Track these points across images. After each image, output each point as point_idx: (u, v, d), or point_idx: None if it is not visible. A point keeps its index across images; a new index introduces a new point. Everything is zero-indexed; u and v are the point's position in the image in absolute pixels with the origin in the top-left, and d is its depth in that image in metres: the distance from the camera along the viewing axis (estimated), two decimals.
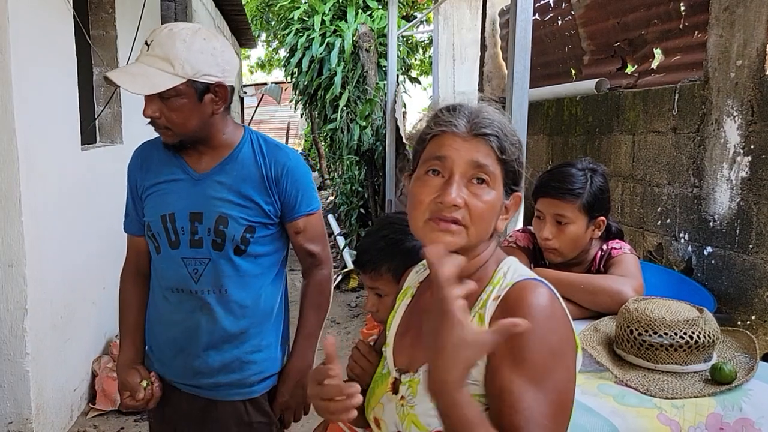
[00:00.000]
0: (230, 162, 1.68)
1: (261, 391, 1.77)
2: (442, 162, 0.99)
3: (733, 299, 2.59)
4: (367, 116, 6.96)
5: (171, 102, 1.54)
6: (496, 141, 0.99)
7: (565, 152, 3.96)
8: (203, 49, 1.54)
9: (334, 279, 6.19)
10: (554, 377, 0.90)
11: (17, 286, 2.75)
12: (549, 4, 4.52)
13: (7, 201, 2.69)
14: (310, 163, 15.66)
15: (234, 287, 1.69)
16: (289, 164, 1.70)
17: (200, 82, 1.55)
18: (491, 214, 1.00)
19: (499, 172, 1.00)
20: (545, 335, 0.91)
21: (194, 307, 1.69)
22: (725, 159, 2.63)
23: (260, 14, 14.04)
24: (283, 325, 1.85)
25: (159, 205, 1.70)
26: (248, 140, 1.71)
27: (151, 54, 1.53)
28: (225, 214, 1.65)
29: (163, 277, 1.73)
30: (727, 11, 2.64)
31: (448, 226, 0.98)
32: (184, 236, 1.67)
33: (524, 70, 2.58)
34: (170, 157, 1.71)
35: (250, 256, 1.69)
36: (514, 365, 0.91)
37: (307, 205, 1.73)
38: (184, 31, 1.55)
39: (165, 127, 1.59)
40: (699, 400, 1.37)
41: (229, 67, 1.61)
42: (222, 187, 1.66)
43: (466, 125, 1.00)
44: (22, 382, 2.80)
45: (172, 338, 1.74)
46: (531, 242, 1.91)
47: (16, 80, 2.66)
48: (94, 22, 4.09)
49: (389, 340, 1.16)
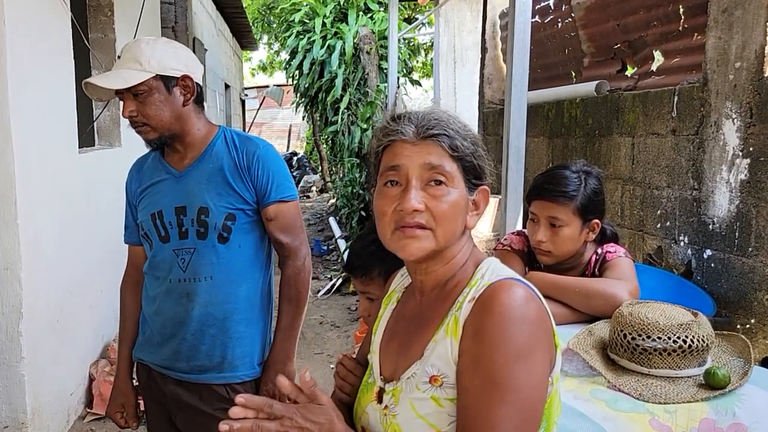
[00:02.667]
0: (206, 155, 1.81)
1: (244, 378, 1.84)
2: (396, 171, 1.00)
3: (733, 302, 2.57)
4: (368, 119, 6.95)
5: (144, 98, 1.70)
6: (446, 140, 0.99)
7: (565, 154, 3.94)
8: (166, 48, 1.74)
9: (334, 283, 6.25)
10: (515, 380, 0.89)
11: (13, 289, 2.74)
12: (549, 6, 4.51)
13: (2, 203, 2.69)
14: (311, 165, 15.67)
15: (219, 275, 1.78)
16: (258, 152, 1.79)
17: (168, 76, 1.72)
18: (455, 213, 1.00)
19: (456, 170, 1.00)
20: (510, 337, 0.90)
21: (182, 294, 1.80)
22: (724, 161, 2.62)
23: (261, 17, 14.08)
24: (269, 315, 1.92)
25: (149, 205, 1.84)
26: (222, 135, 1.84)
27: (122, 60, 1.73)
28: (205, 204, 1.77)
29: (156, 268, 1.84)
30: (725, 13, 2.62)
31: (413, 232, 0.98)
32: (173, 230, 1.79)
33: (523, 72, 2.58)
34: (156, 162, 1.87)
35: (233, 245, 1.79)
36: (474, 366, 0.91)
37: (278, 192, 1.80)
38: (147, 38, 1.76)
39: (143, 124, 1.74)
40: (692, 405, 1.35)
41: (192, 63, 1.79)
42: (201, 180, 1.79)
43: (413, 130, 1.00)
44: (17, 386, 2.79)
45: (161, 326, 1.84)
46: (525, 245, 1.89)
47: (12, 83, 2.66)
48: (93, 25, 4.10)
49: (374, 347, 1.15)
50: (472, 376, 0.91)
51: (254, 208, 1.80)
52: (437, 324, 1.01)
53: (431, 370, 0.98)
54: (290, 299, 1.86)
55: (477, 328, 0.93)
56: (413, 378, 1.00)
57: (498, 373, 0.89)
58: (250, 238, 1.82)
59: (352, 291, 6.14)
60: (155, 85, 1.70)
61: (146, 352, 1.89)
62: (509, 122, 2.54)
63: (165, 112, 1.73)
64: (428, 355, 0.99)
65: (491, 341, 0.90)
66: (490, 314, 0.92)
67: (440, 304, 1.03)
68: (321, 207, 11.75)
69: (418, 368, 1.00)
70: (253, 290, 1.85)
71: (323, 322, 5.39)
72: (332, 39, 8.31)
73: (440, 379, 0.97)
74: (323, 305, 5.89)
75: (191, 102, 1.78)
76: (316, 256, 7.73)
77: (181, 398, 1.84)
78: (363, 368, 1.22)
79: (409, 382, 1.01)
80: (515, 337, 0.90)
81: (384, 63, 7.34)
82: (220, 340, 1.80)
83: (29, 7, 2.88)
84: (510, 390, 0.89)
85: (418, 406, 0.98)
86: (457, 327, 0.96)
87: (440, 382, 0.97)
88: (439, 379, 0.97)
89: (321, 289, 6.27)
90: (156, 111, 1.72)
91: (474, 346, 0.92)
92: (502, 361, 0.89)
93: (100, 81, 1.71)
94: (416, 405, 0.98)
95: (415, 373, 1.00)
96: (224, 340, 1.80)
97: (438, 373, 0.97)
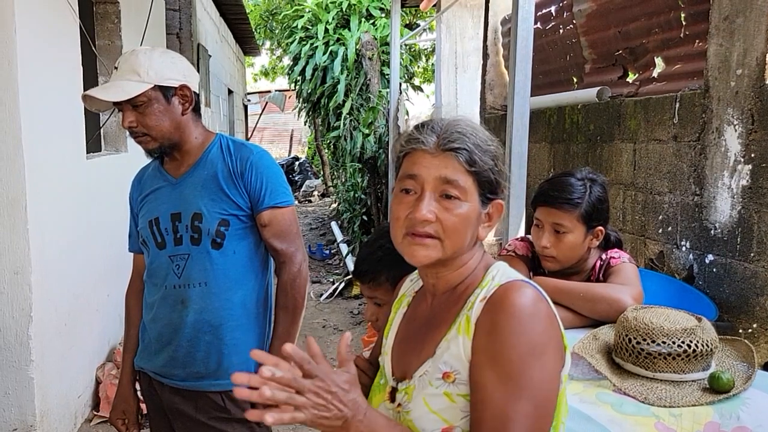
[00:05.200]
0: (202, 162, 1.83)
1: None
2: (413, 180, 1.03)
3: (735, 307, 2.59)
4: (370, 124, 6.98)
5: (143, 109, 1.72)
6: (465, 154, 1.01)
7: (567, 160, 3.97)
8: (163, 59, 1.76)
9: (336, 286, 6.27)
10: (529, 375, 0.92)
11: (23, 293, 2.77)
12: (551, 12, 4.54)
13: (13, 209, 2.72)
14: (313, 170, 15.69)
15: (213, 281, 1.79)
16: (252, 158, 1.80)
17: (166, 87, 1.74)
18: (465, 226, 1.03)
19: (472, 184, 1.03)
20: (523, 334, 0.93)
21: (177, 300, 1.81)
22: (726, 167, 2.64)
23: (264, 23, 14.13)
24: (266, 321, 1.91)
25: (147, 213, 1.87)
26: (218, 142, 1.85)
27: (120, 71, 1.74)
28: (199, 209, 1.78)
29: (153, 275, 1.86)
30: (726, 20, 2.65)
31: (422, 240, 1.02)
32: (169, 236, 1.80)
33: (525, 78, 2.61)
34: (156, 171, 1.90)
35: (227, 251, 1.80)
36: (489, 362, 0.94)
37: (272, 198, 1.80)
38: (143, 49, 1.78)
39: (143, 134, 1.75)
40: (697, 409, 1.37)
41: (188, 73, 1.80)
42: (195, 186, 1.80)
43: (434, 141, 1.03)
44: (26, 389, 2.82)
45: (158, 332, 1.85)
46: (529, 251, 1.92)
47: (23, 89, 2.69)
48: (100, 32, 4.13)
49: (386, 349, 1.18)
50: (487, 373, 0.94)
51: (248, 214, 1.80)
52: (449, 324, 1.04)
53: (444, 366, 1.01)
54: (286, 306, 1.84)
55: (491, 326, 0.96)
56: (426, 375, 1.03)
57: (513, 369, 0.92)
58: (244, 244, 1.82)
59: (355, 295, 6.16)
60: (154, 96, 1.72)
61: (145, 359, 1.90)
62: (512, 128, 2.57)
63: (164, 122, 1.75)
64: (441, 353, 1.02)
65: (505, 338, 0.93)
66: (504, 312, 0.95)
67: (451, 305, 1.06)
68: (323, 211, 11.77)
69: (431, 366, 1.03)
70: (249, 297, 1.84)
71: (326, 326, 5.42)
72: (334, 45, 8.34)
73: (453, 375, 1.00)
74: (326, 309, 5.91)
75: (189, 110, 1.80)
76: (318, 261, 7.76)
77: (177, 406, 1.84)
78: (374, 368, 1.24)
79: (421, 379, 1.04)
80: (528, 334, 0.93)
81: (386, 69, 7.37)
82: (215, 347, 1.80)
83: (40, 16, 2.92)
84: (525, 385, 0.91)
85: (432, 401, 1.01)
86: (469, 325, 0.99)
87: (453, 378, 1.00)
88: (451, 375, 1.00)
89: (323, 293, 6.29)
90: (156, 121, 1.73)
91: (488, 343, 0.95)
92: (517, 357, 0.92)
93: (100, 94, 1.73)
94: (429, 401, 1.01)
95: (427, 371, 1.03)
96: (220, 346, 1.80)
97: (450, 370, 1.00)
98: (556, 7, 4.43)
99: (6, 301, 2.76)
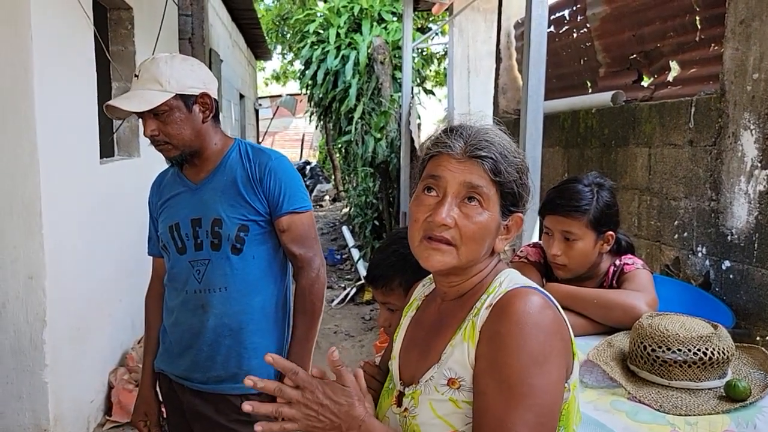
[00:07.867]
0: (221, 168, 1.84)
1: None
2: (436, 181, 1.02)
3: (752, 314, 2.55)
4: (382, 128, 6.98)
5: (165, 117, 1.73)
6: (490, 163, 1.01)
7: (581, 165, 3.94)
8: (183, 67, 1.77)
9: (348, 292, 6.27)
10: (530, 383, 0.91)
11: (37, 298, 2.79)
12: (564, 16, 4.52)
13: (27, 214, 2.74)
14: (324, 174, 15.73)
15: (233, 286, 1.81)
16: (271, 164, 1.81)
17: (187, 95, 1.75)
18: (483, 235, 1.02)
19: (494, 194, 1.02)
20: (525, 341, 0.92)
21: (197, 305, 1.83)
22: (742, 172, 2.61)
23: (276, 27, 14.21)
24: (285, 325, 1.92)
25: (167, 218, 1.88)
26: (236, 148, 1.87)
27: (141, 80, 1.75)
28: (219, 215, 1.79)
29: (174, 280, 1.88)
30: (743, 24, 2.63)
31: (438, 246, 1.01)
32: (189, 242, 1.82)
33: (539, 82, 2.60)
34: (175, 176, 1.91)
35: (247, 256, 1.81)
36: (491, 369, 0.94)
37: (291, 203, 1.81)
38: (164, 57, 1.79)
39: (164, 143, 1.77)
40: (713, 417, 1.35)
41: (208, 80, 1.82)
42: (215, 192, 1.82)
43: (462, 147, 1.02)
44: (40, 393, 2.83)
45: (178, 336, 1.87)
46: (541, 257, 1.91)
47: (38, 95, 2.72)
48: (114, 38, 4.17)
49: (395, 353, 1.17)
50: (489, 380, 0.93)
51: (267, 219, 1.82)
52: (455, 329, 1.04)
53: (449, 373, 1.01)
54: (304, 310, 1.86)
55: (493, 333, 0.95)
56: (431, 380, 1.03)
57: (513, 377, 0.91)
58: (263, 249, 1.84)
59: (366, 300, 6.15)
60: (176, 105, 1.73)
61: (166, 362, 1.92)
62: (525, 133, 2.56)
63: (186, 130, 1.76)
64: (446, 359, 1.02)
65: (507, 346, 0.93)
66: (506, 320, 0.94)
67: (459, 310, 1.06)
68: (334, 216, 11.79)
69: (436, 371, 1.03)
70: (268, 301, 1.86)
71: (338, 332, 5.41)
72: (346, 49, 8.37)
73: (457, 382, 0.99)
74: (337, 314, 5.91)
75: (210, 118, 1.81)
76: (329, 266, 7.76)
77: (198, 409, 1.86)
78: (384, 375, 1.24)
79: (428, 384, 1.04)
80: (530, 343, 0.92)
81: (398, 73, 7.38)
82: (235, 351, 1.82)
83: (55, 23, 2.95)
84: (525, 394, 0.91)
85: (437, 407, 1.00)
86: (474, 332, 0.99)
87: (458, 384, 0.99)
88: (456, 381, 1.00)
89: (335, 298, 6.29)
90: (177, 130, 1.75)
91: (490, 351, 0.94)
92: (518, 366, 0.91)
93: (123, 104, 1.73)
94: (435, 406, 1.01)
95: (433, 376, 1.03)
96: (240, 350, 1.82)
97: (455, 376, 1.00)
98: (569, 10, 4.41)
99: (20, 306, 2.78)
